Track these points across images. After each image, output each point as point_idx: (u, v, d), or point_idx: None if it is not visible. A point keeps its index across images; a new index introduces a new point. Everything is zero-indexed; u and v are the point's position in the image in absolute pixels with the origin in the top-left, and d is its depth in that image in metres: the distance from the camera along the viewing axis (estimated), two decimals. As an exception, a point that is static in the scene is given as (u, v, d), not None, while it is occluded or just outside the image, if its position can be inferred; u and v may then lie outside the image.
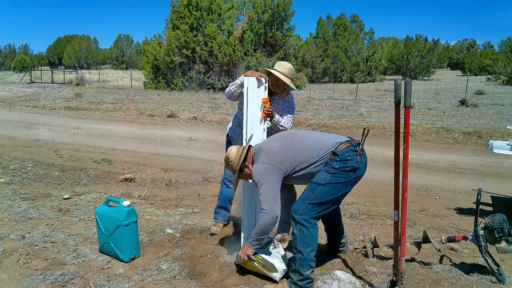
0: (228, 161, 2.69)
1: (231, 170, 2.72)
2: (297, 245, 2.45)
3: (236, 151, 2.68)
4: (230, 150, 2.72)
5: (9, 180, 5.22)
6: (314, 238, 2.47)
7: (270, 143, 2.66)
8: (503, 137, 8.58)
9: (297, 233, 2.45)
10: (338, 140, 2.53)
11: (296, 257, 2.46)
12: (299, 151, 2.53)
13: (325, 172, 2.45)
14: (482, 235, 2.74)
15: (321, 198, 2.44)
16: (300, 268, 2.44)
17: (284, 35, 22.99)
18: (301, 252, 2.43)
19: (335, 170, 2.43)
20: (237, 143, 3.32)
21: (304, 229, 2.43)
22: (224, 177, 3.54)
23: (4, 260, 2.90)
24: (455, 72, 57.22)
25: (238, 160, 2.63)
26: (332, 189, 2.44)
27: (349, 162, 2.43)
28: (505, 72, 33.32)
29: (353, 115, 12.47)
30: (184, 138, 9.15)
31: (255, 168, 2.55)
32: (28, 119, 11.87)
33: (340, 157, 2.43)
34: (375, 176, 5.91)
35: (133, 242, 2.98)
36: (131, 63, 59.70)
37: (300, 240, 2.43)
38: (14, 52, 55.17)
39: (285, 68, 3.01)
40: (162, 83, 22.75)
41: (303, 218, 2.44)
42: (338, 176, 2.43)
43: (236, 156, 2.65)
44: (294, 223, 2.48)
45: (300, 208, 2.46)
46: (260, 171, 2.51)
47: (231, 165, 2.68)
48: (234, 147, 2.75)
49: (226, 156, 2.70)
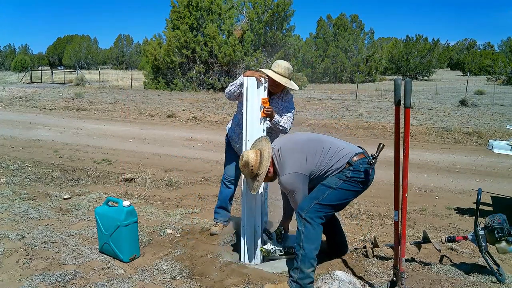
0: (247, 165, 2.62)
1: (249, 174, 2.66)
2: (301, 241, 2.50)
3: (255, 156, 2.62)
4: (248, 154, 2.64)
5: (9, 180, 5.22)
6: (318, 236, 2.54)
7: (292, 149, 2.64)
8: (503, 137, 8.58)
9: (302, 229, 2.52)
10: (354, 150, 2.63)
11: (298, 254, 2.51)
12: (320, 159, 2.58)
13: (337, 178, 2.54)
14: (482, 235, 2.74)
15: (329, 200, 2.53)
16: (301, 265, 2.47)
17: (284, 35, 23.01)
18: (304, 249, 2.48)
19: (347, 178, 2.53)
20: (237, 143, 3.32)
21: (309, 226, 2.51)
22: (224, 177, 3.54)
23: (4, 260, 2.90)
24: (455, 72, 57.21)
25: (259, 165, 2.60)
26: (341, 194, 2.55)
27: (361, 173, 2.54)
28: (505, 72, 33.32)
29: (353, 115, 12.47)
30: (184, 138, 9.15)
31: (286, 179, 2.56)
32: (28, 119, 11.87)
33: (354, 167, 2.53)
34: (375, 176, 5.89)
35: (133, 242, 2.98)
36: (131, 63, 59.77)
37: (305, 236, 2.50)
38: (14, 52, 55.22)
39: (281, 68, 2.99)
40: (162, 83, 22.75)
41: (309, 216, 2.51)
42: (349, 184, 2.54)
43: (256, 160, 2.61)
44: (300, 219, 2.54)
45: (308, 206, 2.53)
46: (292, 181, 2.56)
47: (251, 170, 2.62)
48: (250, 151, 2.68)
49: (246, 161, 2.62)
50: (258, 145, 2.74)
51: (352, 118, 11.82)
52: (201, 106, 14.71)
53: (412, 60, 42.67)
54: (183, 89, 22.03)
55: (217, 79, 21.87)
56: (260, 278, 2.70)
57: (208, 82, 21.95)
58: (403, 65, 43.50)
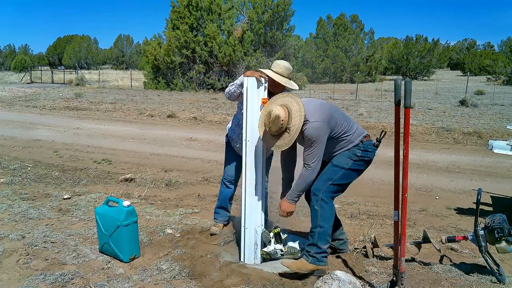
0: (277, 119, 2.51)
1: (278, 130, 2.56)
2: (318, 220, 2.68)
3: (283, 110, 2.54)
4: (276, 109, 2.54)
5: (9, 180, 5.22)
6: (332, 214, 2.75)
7: (316, 104, 2.70)
8: (503, 137, 8.58)
9: (318, 208, 2.68)
10: (364, 131, 2.83)
11: (315, 232, 2.68)
12: (341, 121, 2.70)
13: (347, 157, 2.71)
14: (482, 235, 2.74)
15: (342, 180, 2.73)
16: (318, 241, 2.67)
17: (284, 35, 23.00)
18: (321, 226, 2.67)
19: (357, 157, 2.71)
20: (237, 143, 3.32)
21: (325, 205, 2.68)
22: (224, 177, 3.53)
23: (4, 260, 2.90)
24: (455, 72, 57.20)
25: (289, 119, 2.53)
26: (351, 174, 2.74)
27: (368, 153, 2.73)
28: (505, 72, 33.32)
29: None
30: (184, 138, 9.15)
31: (314, 126, 2.55)
32: (28, 119, 11.87)
33: (364, 147, 2.72)
34: (375, 176, 5.91)
35: (133, 242, 2.98)
36: (131, 63, 59.75)
37: (321, 215, 2.68)
38: (14, 52, 55.19)
39: (281, 68, 2.97)
40: (162, 83, 22.75)
41: (325, 195, 2.69)
42: (357, 164, 2.73)
43: (285, 114, 2.53)
44: (315, 199, 2.69)
45: (323, 187, 2.70)
46: (319, 129, 2.57)
47: (281, 124, 2.53)
48: (274, 106, 2.57)
49: (276, 115, 2.50)
50: (278, 101, 2.67)
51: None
52: (201, 106, 14.72)
53: (412, 60, 42.67)
54: (183, 89, 22.03)
55: (217, 79, 21.87)
56: (260, 278, 2.70)
57: (208, 82, 21.94)
58: (403, 65, 43.50)
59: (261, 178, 2.92)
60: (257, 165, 2.91)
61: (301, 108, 2.57)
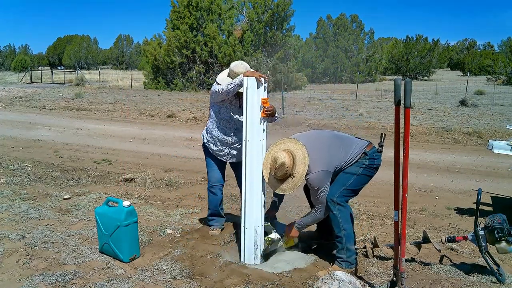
0: (283, 166, 2.70)
1: (283, 176, 2.75)
2: (340, 224, 2.77)
3: (287, 156, 2.72)
4: (281, 155, 2.71)
5: (9, 180, 5.22)
6: (351, 215, 2.89)
7: (317, 147, 2.82)
8: (503, 137, 8.58)
9: (337, 213, 2.78)
10: (365, 142, 2.92)
11: (341, 236, 2.77)
12: (341, 154, 2.83)
13: (356, 166, 2.83)
14: (482, 235, 2.74)
15: (355, 185, 2.85)
16: (347, 244, 2.77)
17: (284, 35, 23.02)
18: (345, 229, 2.77)
19: (365, 166, 2.83)
20: (214, 146, 3.42)
21: (343, 208, 2.79)
22: (210, 186, 3.53)
23: (4, 260, 2.90)
24: (455, 72, 57.19)
25: (294, 166, 2.72)
26: (362, 179, 2.86)
27: (375, 161, 2.85)
28: (505, 72, 33.33)
29: (353, 115, 12.47)
30: (184, 138, 9.15)
31: (316, 177, 2.75)
32: (28, 119, 11.87)
33: (369, 156, 2.83)
34: (375, 176, 5.86)
35: (133, 242, 2.98)
36: (131, 63, 59.75)
37: (342, 218, 2.78)
38: (14, 52, 55.18)
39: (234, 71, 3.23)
40: (162, 83, 22.75)
41: (340, 200, 2.79)
42: (367, 170, 2.85)
43: (290, 161, 2.72)
44: (332, 205, 2.78)
45: (337, 192, 2.80)
46: (321, 179, 2.76)
47: (286, 171, 2.72)
48: (279, 152, 2.76)
49: (282, 163, 2.70)
50: (282, 146, 2.84)
51: (352, 118, 11.83)
52: (201, 106, 14.72)
53: (412, 60, 42.68)
54: (183, 89, 22.03)
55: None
56: (260, 278, 2.70)
57: (208, 82, 21.93)
58: (403, 65, 43.51)
59: (260, 178, 2.92)
60: (257, 165, 2.91)
61: (305, 156, 2.74)
